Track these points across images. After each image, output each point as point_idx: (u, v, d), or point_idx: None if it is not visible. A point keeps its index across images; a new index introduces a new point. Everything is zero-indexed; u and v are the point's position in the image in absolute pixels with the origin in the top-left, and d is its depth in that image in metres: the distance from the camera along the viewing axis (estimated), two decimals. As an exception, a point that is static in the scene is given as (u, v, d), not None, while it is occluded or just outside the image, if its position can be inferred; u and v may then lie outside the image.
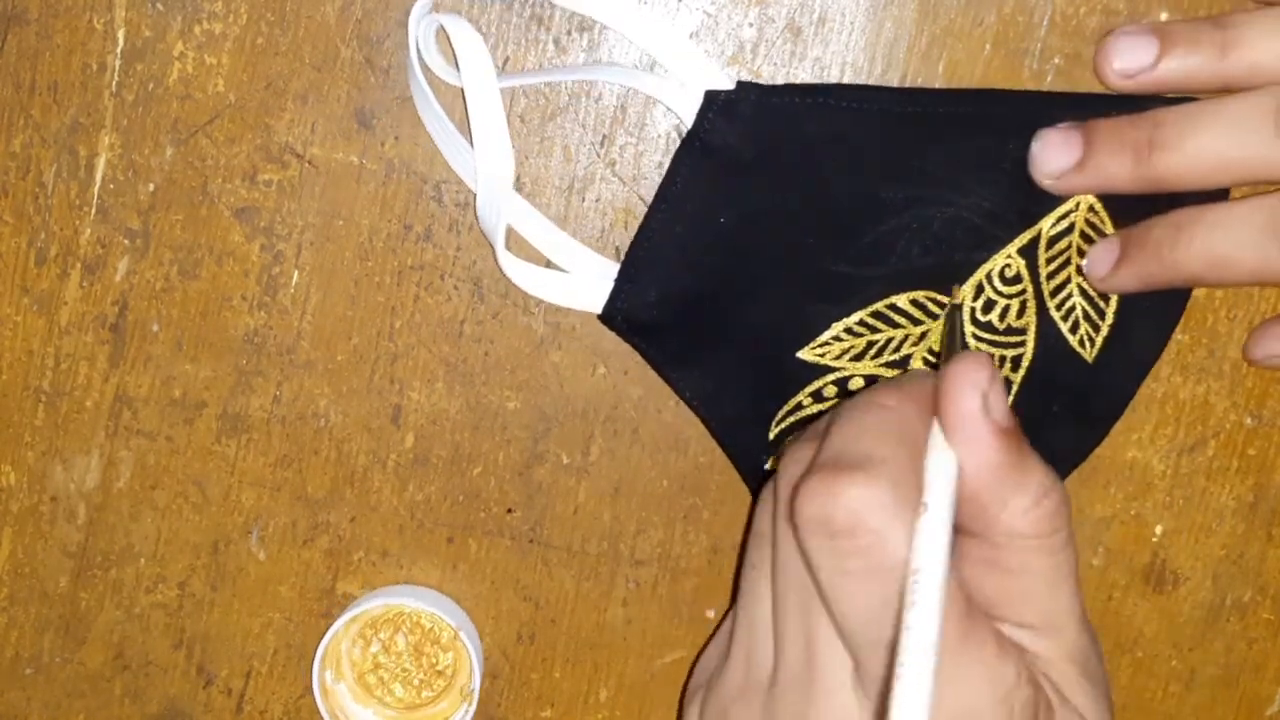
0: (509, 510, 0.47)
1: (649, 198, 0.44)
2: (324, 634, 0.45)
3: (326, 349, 0.46)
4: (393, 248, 0.45)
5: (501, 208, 0.43)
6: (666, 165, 0.43)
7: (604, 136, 0.44)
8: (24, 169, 0.45)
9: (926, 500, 0.29)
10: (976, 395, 0.30)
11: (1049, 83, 0.43)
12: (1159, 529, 0.46)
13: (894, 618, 0.29)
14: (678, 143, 0.43)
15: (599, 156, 0.44)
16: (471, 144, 0.43)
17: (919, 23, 0.43)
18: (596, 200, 0.45)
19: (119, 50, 0.44)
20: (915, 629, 0.27)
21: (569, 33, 0.44)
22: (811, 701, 0.32)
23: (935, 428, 0.31)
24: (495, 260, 0.44)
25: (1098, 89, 0.42)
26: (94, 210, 0.45)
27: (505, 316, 0.45)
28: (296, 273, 0.45)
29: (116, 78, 0.44)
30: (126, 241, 0.45)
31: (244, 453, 0.47)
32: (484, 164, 0.43)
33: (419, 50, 0.43)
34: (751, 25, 0.43)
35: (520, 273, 0.44)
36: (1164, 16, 0.42)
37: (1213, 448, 0.45)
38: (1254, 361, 0.44)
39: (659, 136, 0.44)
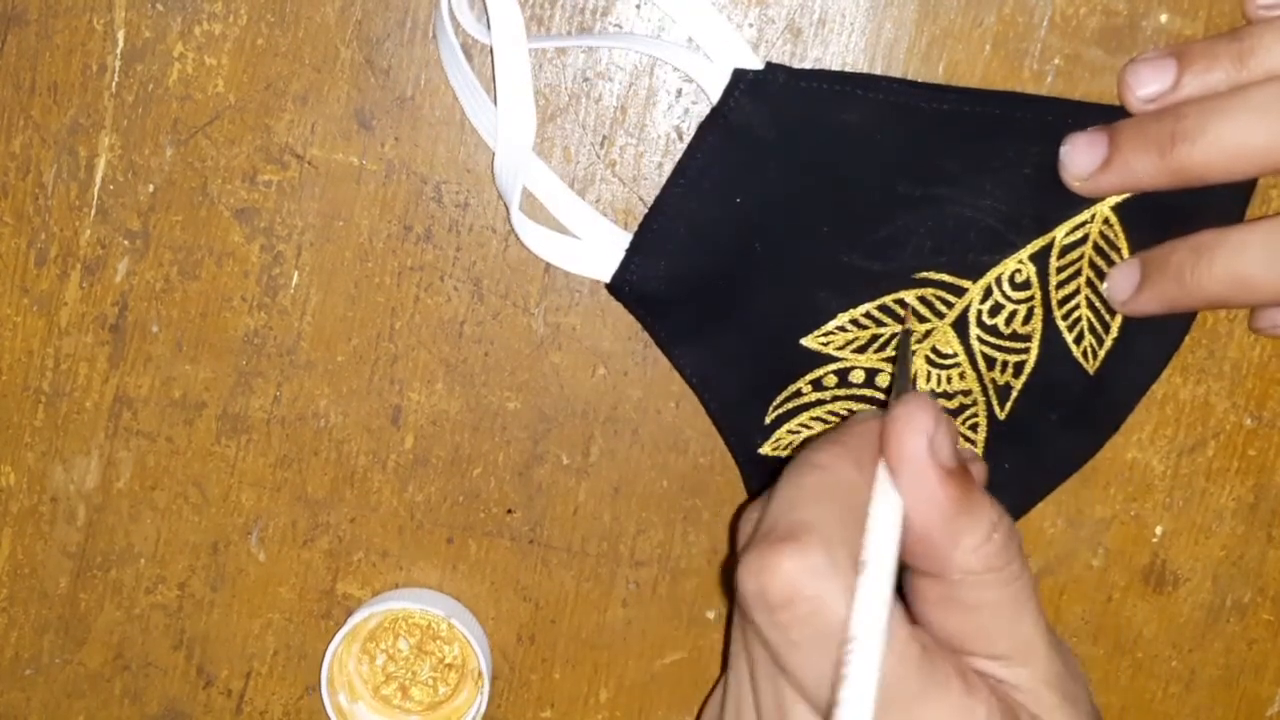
0: (509, 511, 0.47)
1: (649, 198, 0.44)
2: (324, 635, 0.45)
3: (326, 349, 0.46)
4: (393, 248, 0.45)
5: (519, 169, 0.42)
6: (667, 166, 0.43)
7: (604, 137, 0.44)
8: (24, 169, 0.45)
9: (865, 557, 0.30)
10: (922, 438, 0.31)
11: (1049, 83, 0.43)
12: (1159, 530, 0.46)
13: None
14: (678, 143, 0.43)
15: (599, 157, 0.44)
16: (495, 103, 0.43)
17: (919, 23, 0.43)
18: (596, 200, 0.45)
19: (119, 51, 0.44)
20: (849, 704, 0.27)
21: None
22: None
23: (882, 470, 0.31)
24: (509, 220, 0.43)
25: (1097, 88, 0.42)
26: (94, 211, 0.45)
27: (505, 317, 0.45)
28: (296, 273, 0.45)
29: (116, 78, 0.44)
30: (126, 242, 0.45)
31: (244, 453, 0.47)
32: (506, 123, 0.42)
33: (449, 4, 0.42)
34: (751, 25, 0.43)
35: (532, 235, 0.43)
36: (1164, 18, 0.42)
37: (1213, 448, 0.45)
38: (1258, 330, 0.44)
39: (659, 137, 0.44)
